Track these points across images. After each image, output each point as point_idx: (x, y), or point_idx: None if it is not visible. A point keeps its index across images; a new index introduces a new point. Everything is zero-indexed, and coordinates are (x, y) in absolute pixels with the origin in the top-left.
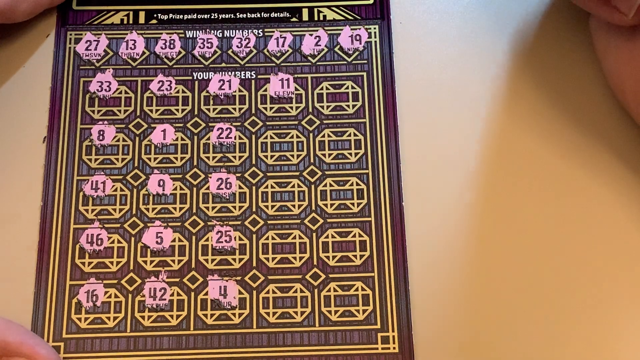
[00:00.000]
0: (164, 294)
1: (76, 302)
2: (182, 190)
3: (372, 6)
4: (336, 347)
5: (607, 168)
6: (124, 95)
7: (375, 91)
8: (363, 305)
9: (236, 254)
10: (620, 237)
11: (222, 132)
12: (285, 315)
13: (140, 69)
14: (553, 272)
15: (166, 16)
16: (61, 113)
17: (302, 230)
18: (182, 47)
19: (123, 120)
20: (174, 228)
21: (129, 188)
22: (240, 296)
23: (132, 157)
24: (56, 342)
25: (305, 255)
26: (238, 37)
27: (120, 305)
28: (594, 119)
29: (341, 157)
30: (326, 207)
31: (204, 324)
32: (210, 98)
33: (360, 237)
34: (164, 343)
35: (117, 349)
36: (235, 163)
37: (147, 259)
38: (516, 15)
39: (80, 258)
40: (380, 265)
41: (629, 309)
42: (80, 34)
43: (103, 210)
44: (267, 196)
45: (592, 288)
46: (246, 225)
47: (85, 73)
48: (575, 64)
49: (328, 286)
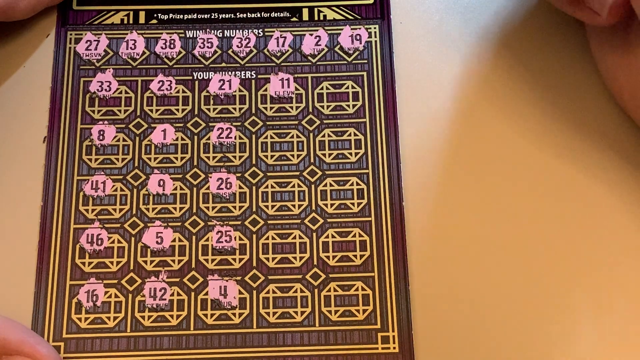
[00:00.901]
0: (164, 294)
1: (76, 302)
2: (182, 190)
3: (372, 6)
4: (336, 347)
5: (606, 167)
6: (124, 95)
7: (376, 91)
8: (363, 305)
9: (236, 254)
10: (619, 238)
11: (222, 132)
12: (285, 315)
13: (141, 69)
14: (553, 271)
15: (166, 16)
16: (61, 113)
17: (302, 230)
18: (182, 47)
19: (123, 120)
20: (174, 228)
21: (129, 188)
22: (241, 296)
23: (132, 157)
24: (56, 342)
25: (305, 255)
26: (238, 37)
27: (121, 305)
28: (593, 118)
29: (341, 157)
30: (326, 207)
31: (204, 324)
32: (211, 98)
33: (360, 237)
34: (164, 343)
35: (117, 349)
36: (236, 163)
37: (147, 259)
38: (516, 16)
39: (81, 258)
40: (380, 265)
41: (631, 309)
42: (80, 34)
43: (103, 210)
44: (267, 196)
45: (592, 288)
46: (246, 225)
47: (86, 73)
48: (575, 64)
49: (328, 286)
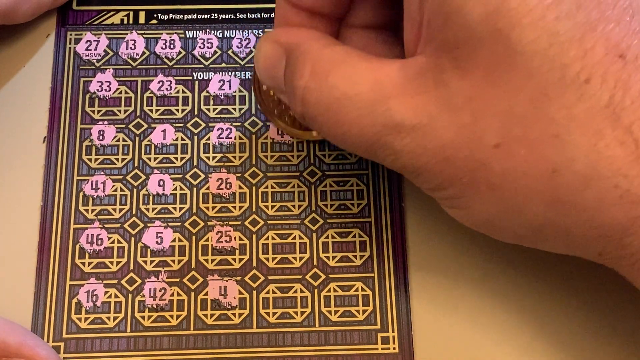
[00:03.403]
0: (164, 294)
1: (76, 302)
2: (182, 190)
3: None
4: (336, 348)
5: None
6: (124, 95)
7: None
8: (363, 306)
9: (236, 254)
10: None
11: (222, 132)
12: (285, 315)
13: (140, 69)
14: (554, 271)
15: (166, 16)
16: (61, 113)
17: (302, 230)
18: (182, 47)
19: (123, 120)
20: (174, 228)
21: (129, 188)
22: (240, 296)
23: (132, 157)
24: (56, 342)
25: (305, 256)
26: (238, 37)
27: (120, 305)
28: None
29: (341, 158)
30: (326, 208)
31: (204, 324)
32: (211, 98)
33: (360, 237)
34: (164, 343)
35: (117, 349)
36: (235, 163)
37: (147, 259)
38: None
39: (80, 258)
40: (380, 266)
41: (633, 309)
42: (80, 34)
43: (103, 210)
44: (267, 196)
45: (593, 287)
46: (246, 225)
47: (85, 73)
48: None
49: (328, 286)
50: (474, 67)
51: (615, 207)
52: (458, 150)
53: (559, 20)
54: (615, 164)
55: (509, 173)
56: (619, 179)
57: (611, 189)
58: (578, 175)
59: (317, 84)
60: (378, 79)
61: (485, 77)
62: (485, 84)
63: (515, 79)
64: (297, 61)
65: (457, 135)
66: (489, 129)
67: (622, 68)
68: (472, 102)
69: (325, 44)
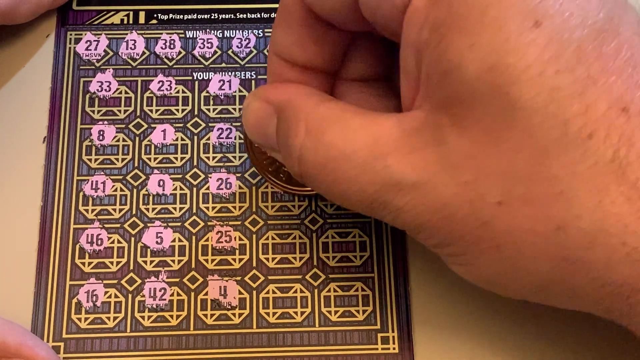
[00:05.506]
0: (164, 294)
1: (76, 302)
2: (182, 190)
3: None
4: (336, 348)
5: None
6: (124, 95)
7: None
8: (363, 306)
9: (236, 254)
10: None
11: (222, 132)
12: (285, 315)
13: (140, 69)
14: None
15: (166, 16)
16: (61, 113)
17: (302, 230)
18: (182, 47)
19: (123, 120)
20: (174, 228)
21: (129, 188)
22: (240, 296)
23: (132, 157)
24: (56, 342)
25: (305, 256)
26: (238, 37)
27: (120, 305)
28: None
29: None
30: (326, 208)
31: (204, 324)
32: (210, 98)
33: (360, 237)
34: (164, 343)
35: (117, 349)
36: (235, 163)
37: (147, 259)
38: None
39: (80, 258)
40: (380, 266)
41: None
42: (80, 34)
43: (103, 210)
44: (267, 196)
45: None
46: (246, 225)
47: (85, 73)
48: None
49: (328, 286)
50: (473, 124)
51: (622, 264)
52: (459, 208)
53: (559, 75)
54: (622, 221)
55: (513, 231)
56: (627, 236)
57: (618, 247)
58: (584, 233)
59: (313, 143)
60: (375, 135)
61: (485, 135)
62: (485, 141)
63: (516, 137)
64: (289, 119)
65: (458, 193)
66: (491, 187)
67: (626, 122)
68: (472, 160)
69: (318, 101)
